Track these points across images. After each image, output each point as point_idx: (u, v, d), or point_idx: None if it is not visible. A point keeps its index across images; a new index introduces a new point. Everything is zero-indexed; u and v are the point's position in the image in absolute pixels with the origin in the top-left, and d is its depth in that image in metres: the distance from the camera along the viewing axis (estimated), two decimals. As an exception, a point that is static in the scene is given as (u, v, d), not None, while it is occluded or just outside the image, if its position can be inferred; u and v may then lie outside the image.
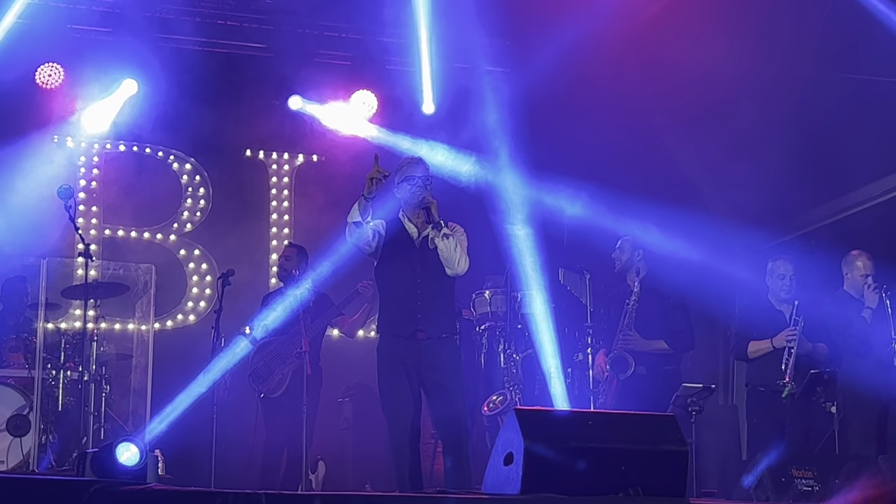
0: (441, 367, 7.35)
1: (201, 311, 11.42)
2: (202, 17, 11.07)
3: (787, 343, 9.01)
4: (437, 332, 7.43)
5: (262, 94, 11.54)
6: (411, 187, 7.53)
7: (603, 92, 10.73)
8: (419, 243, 7.52)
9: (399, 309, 7.47)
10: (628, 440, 5.82)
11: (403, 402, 7.36)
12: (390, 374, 7.43)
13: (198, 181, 11.74)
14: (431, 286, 7.45)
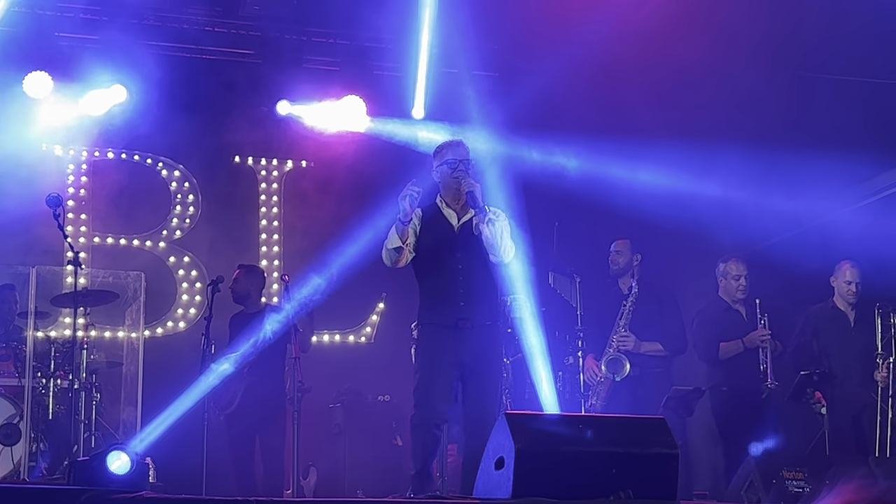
0: (482, 355, 7.08)
1: (191, 319, 11.41)
2: (189, 24, 11.06)
3: (761, 343, 9.10)
4: (481, 319, 7.12)
5: (250, 100, 11.51)
6: (452, 171, 7.22)
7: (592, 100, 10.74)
8: (458, 229, 7.23)
9: (440, 298, 7.16)
10: (619, 443, 5.83)
11: (439, 394, 7.07)
12: (430, 365, 7.14)
13: (187, 188, 11.73)
14: (474, 273, 7.13)
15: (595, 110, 10.69)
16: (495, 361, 7.23)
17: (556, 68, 10.39)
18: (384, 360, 11.21)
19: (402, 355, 9.84)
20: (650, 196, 10.36)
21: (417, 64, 11.28)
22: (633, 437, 5.87)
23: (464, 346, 7.05)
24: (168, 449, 8.88)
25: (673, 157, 10.39)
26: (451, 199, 7.26)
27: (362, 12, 10.69)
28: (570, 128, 10.57)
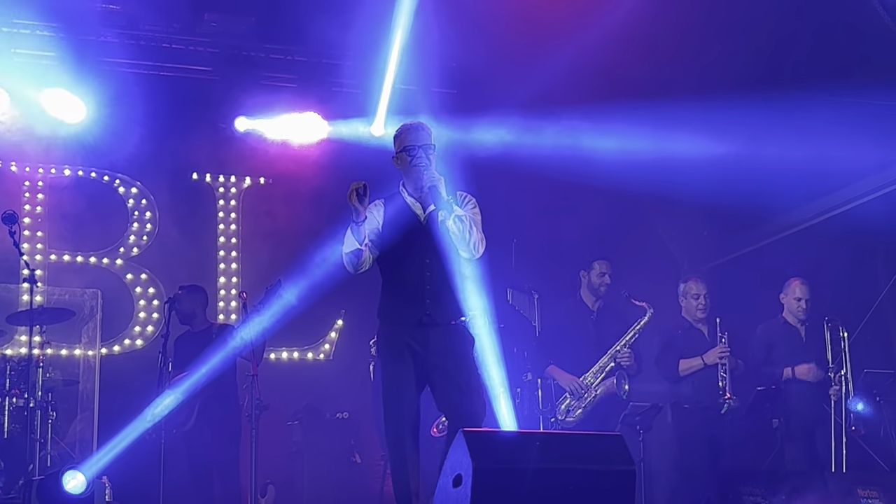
0: (451, 355, 6.57)
1: (148, 336, 11.34)
2: (147, 41, 11.03)
3: (720, 360, 9.19)
4: (448, 317, 6.62)
5: (208, 117, 11.48)
6: (412, 159, 6.67)
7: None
8: (425, 220, 6.66)
9: (404, 294, 6.66)
10: (576, 460, 5.83)
11: (406, 394, 6.57)
12: (393, 363, 6.63)
13: (144, 205, 11.68)
14: (441, 269, 6.59)
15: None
16: (464, 360, 6.62)
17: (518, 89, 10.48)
18: (343, 378, 11.20)
19: (361, 372, 9.86)
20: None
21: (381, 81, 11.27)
22: (591, 454, 5.88)
23: (429, 345, 6.58)
24: (125, 467, 8.83)
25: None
26: (414, 187, 6.72)
27: (321, 29, 10.67)
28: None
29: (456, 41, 10.61)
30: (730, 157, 10.37)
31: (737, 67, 9.96)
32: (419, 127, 6.78)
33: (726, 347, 9.27)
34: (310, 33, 10.86)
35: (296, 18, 10.55)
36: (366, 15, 10.41)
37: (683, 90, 9.98)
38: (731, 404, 9.13)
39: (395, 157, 6.81)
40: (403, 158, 6.72)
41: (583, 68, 10.10)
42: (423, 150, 6.67)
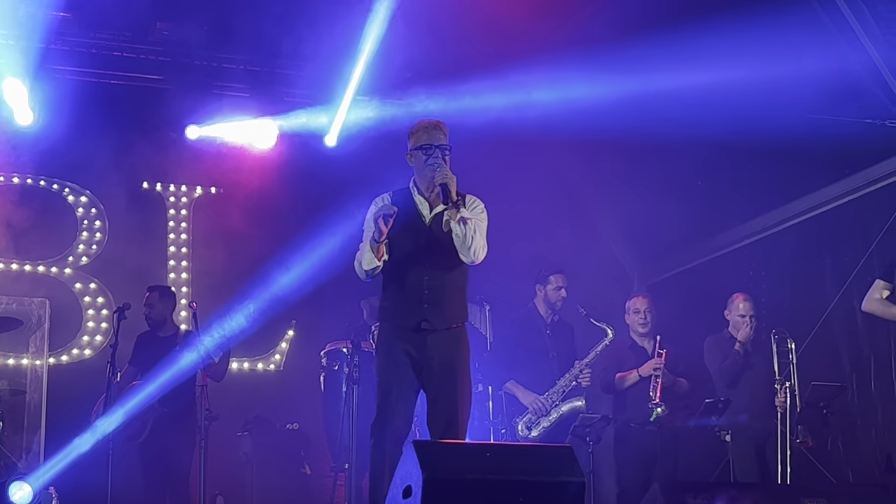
0: (446, 364, 6.49)
1: (97, 346, 11.26)
2: (98, 49, 10.96)
3: (654, 372, 9.29)
4: (446, 323, 6.52)
5: (159, 125, 11.44)
6: (427, 158, 6.51)
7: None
8: (430, 222, 6.56)
9: (404, 297, 6.53)
10: (526, 471, 5.84)
11: (399, 401, 6.48)
12: (389, 368, 6.52)
13: (93, 214, 11.61)
14: (442, 273, 6.51)
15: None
16: (461, 367, 6.54)
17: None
18: (293, 388, 11.17)
19: (312, 383, 9.82)
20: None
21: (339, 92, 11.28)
22: (540, 465, 5.89)
23: (426, 350, 6.49)
24: (72, 478, 8.77)
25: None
26: (425, 186, 6.57)
27: (272, 39, 10.67)
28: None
29: (415, 50, 10.66)
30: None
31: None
32: (437, 125, 6.65)
33: (661, 360, 9.36)
34: (261, 42, 10.86)
35: (248, 27, 10.53)
36: (320, 26, 10.42)
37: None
38: (661, 412, 9.21)
39: (408, 154, 6.66)
40: (417, 156, 6.58)
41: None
42: (440, 149, 6.55)
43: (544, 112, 10.44)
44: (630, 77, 9.81)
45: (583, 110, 10.22)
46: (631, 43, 9.41)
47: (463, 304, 6.66)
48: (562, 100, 10.07)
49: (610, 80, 9.87)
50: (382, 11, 10.14)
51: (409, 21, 10.21)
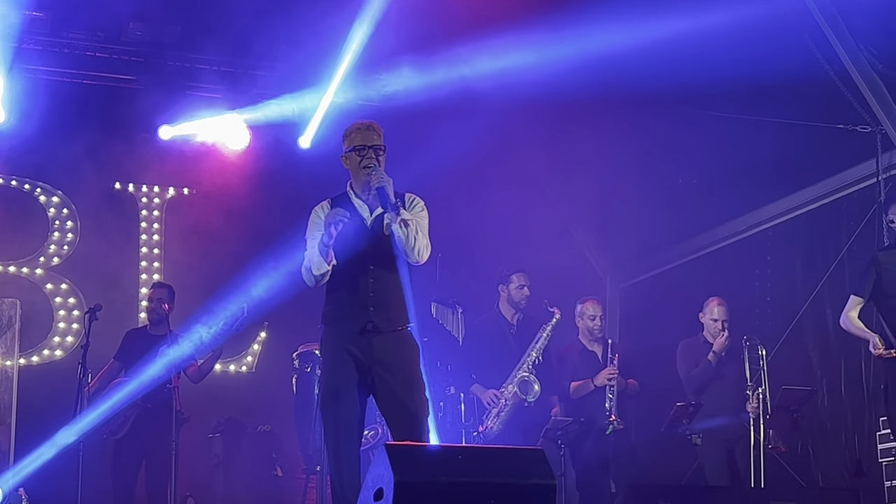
0: (394, 364, 6.38)
1: (68, 347, 11.21)
2: (70, 49, 10.93)
3: (608, 382, 9.30)
4: (392, 325, 6.42)
5: (131, 126, 11.41)
6: (362, 159, 6.43)
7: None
8: (371, 224, 6.48)
9: (348, 300, 6.42)
10: (498, 474, 5.84)
11: (346, 403, 6.36)
12: (334, 372, 6.41)
13: (65, 214, 11.56)
14: (386, 274, 6.42)
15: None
16: (407, 370, 6.42)
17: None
18: (265, 390, 11.15)
19: (284, 385, 9.81)
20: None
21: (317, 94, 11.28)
22: (512, 468, 5.89)
23: (372, 353, 6.38)
24: (42, 479, 8.74)
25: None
26: (362, 189, 6.49)
27: (245, 40, 10.66)
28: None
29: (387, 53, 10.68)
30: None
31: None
32: (369, 126, 6.56)
33: (615, 369, 9.39)
34: (235, 44, 10.84)
35: (222, 28, 10.51)
36: (293, 26, 10.41)
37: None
38: (616, 426, 9.25)
39: (343, 157, 6.59)
40: (352, 158, 6.51)
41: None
42: (373, 150, 6.45)
43: (516, 116, 10.51)
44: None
45: (554, 115, 10.31)
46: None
47: (407, 305, 6.54)
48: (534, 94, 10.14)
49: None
50: (361, 13, 10.16)
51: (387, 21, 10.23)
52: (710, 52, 9.58)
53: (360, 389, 6.43)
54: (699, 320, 9.71)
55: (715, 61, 9.61)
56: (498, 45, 10.14)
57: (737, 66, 9.57)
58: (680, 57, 9.72)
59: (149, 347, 9.30)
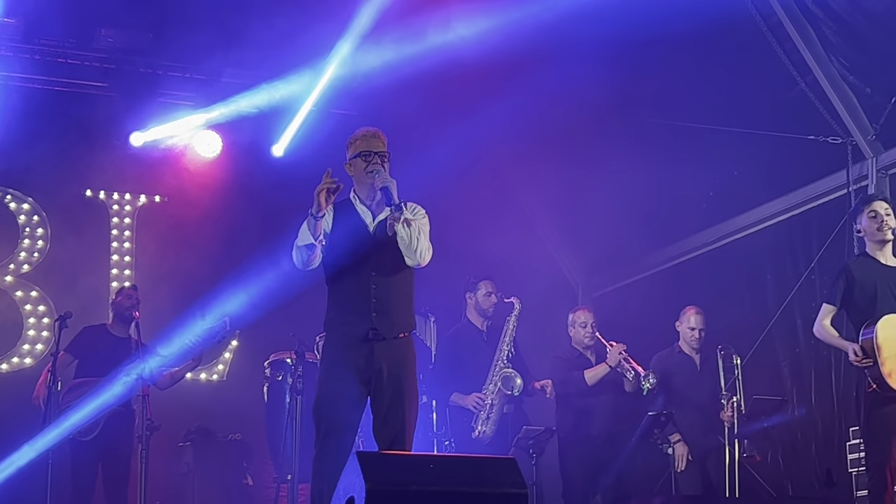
0: (394, 373, 6.43)
1: (38, 354, 11.15)
2: (42, 55, 10.90)
3: (621, 357, 9.33)
4: (394, 331, 6.47)
5: (103, 133, 11.35)
6: (367, 164, 6.49)
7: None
8: (374, 230, 6.52)
9: (350, 306, 6.45)
10: (469, 483, 5.84)
11: (342, 413, 6.40)
12: (333, 379, 6.43)
13: (36, 221, 11.49)
14: (388, 279, 6.46)
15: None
16: (409, 376, 6.50)
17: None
18: (236, 399, 11.09)
19: (255, 394, 9.78)
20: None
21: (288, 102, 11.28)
22: (484, 477, 5.89)
23: (373, 360, 6.42)
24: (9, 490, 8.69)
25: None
26: (366, 194, 6.55)
27: (217, 48, 10.63)
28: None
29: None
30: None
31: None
32: (375, 134, 6.63)
33: (621, 345, 9.40)
34: (207, 51, 10.82)
35: (194, 35, 10.48)
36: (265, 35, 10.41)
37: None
38: (651, 383, 9.20)
39: (347, 164, 6.64)
40: (357, 164, 6.56)
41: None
42: (379, 156, 6.53)
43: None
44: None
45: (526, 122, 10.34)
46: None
47: (410, 312, 6.63)
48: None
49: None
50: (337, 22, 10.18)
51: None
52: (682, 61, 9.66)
53: (358, 396, 6.46)
54: (675, 329, 9.74)
55: (686, 71, 9.68)
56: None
57: (709, 77, 9.63)
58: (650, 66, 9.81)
59: (111, 348, 9.26)
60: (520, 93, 10.05)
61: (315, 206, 6.33)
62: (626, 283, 12.20)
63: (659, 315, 10.16)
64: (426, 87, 10.38)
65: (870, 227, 7.59)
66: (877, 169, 9.35)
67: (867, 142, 9.31)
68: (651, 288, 11.68)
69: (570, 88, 9.79)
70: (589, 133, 10.63)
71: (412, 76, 10.10)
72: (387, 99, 10.97)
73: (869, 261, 7.62)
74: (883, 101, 9.06)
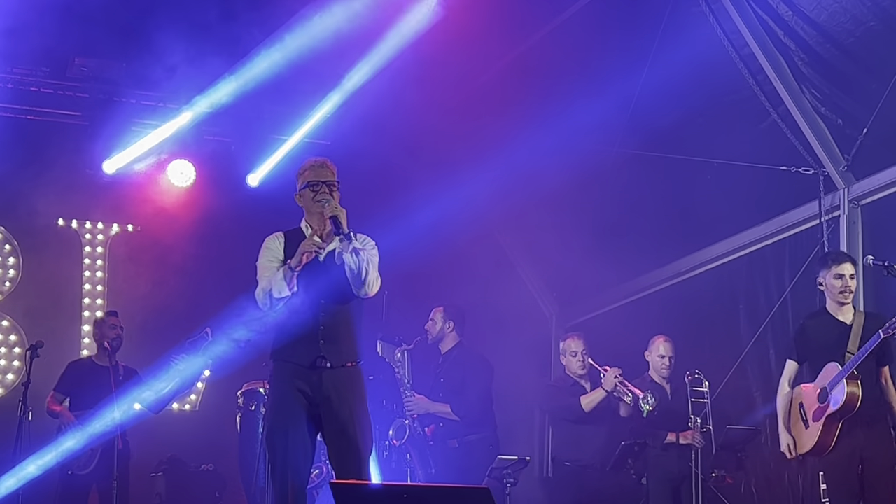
0: (343, 401, 6.37)
1: (9, 384, 11.08)
2: (14, 84, 10.89)
3: (617, 380, 9.30)
4: (341, 360, 6.43)
5: (76, 162, 11.33)
6: (315, 194, 6.51)
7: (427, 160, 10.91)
8: (323, 258, 6.48)
9: (298, 334, 6.42)
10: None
11: (293, 442, 6.34)
12: (282, 409, 6.40)
13: (7, 250, 11.43)
14: (336, 308, 6.45)
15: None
16: (356, 407, 6.42)
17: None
18: (209, 429, 11.06)
19: (228, 423, 9.74)
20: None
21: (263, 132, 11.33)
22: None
23: (322, 389, 6.38)
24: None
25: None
26: (316, 224, 6.53)
27: (191, 78, 10.63)
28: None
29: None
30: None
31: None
32: (323, 163, 6.65)
33: (616, 369, 9.38)
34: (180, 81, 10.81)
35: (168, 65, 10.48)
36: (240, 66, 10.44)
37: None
38: (651, 405, 9.17)
39: (297, 195, 6.66)
40: (306, 195, 6.58)
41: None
42: (327, 185, 6.54)
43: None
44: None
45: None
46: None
47: (357, 342, 6.58)
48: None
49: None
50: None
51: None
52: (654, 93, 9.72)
53: (308, 426, 6.42)
54: (644, 359, 9.74)
55: (658, 102, 9.73)
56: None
57: (681, 107, 9.68)
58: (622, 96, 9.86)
59: (99, 379, 9.21)
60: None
61: (296, 260, 6.36)
62: (599, 312, 12.21)
63: (632, 345, 10.16)
64: (403, 117, 10.45)
65: (833, 287, 7.79)
66: (849, 199, 9.40)
67: (839, 172, 9.36)
68: (624, 318, 11.69)
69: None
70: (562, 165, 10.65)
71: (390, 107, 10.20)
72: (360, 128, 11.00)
73: (827, 317, 7.84)
74: (854, 133, 9.12)
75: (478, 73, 10.76)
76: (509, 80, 10.68)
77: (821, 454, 7.72)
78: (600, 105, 9.94)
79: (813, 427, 7.71)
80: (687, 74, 9.42)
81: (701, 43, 9.32)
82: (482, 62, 10.56)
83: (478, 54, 10.27)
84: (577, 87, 10.09)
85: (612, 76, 9.87)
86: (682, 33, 9.47)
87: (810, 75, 9.12)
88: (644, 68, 9.82)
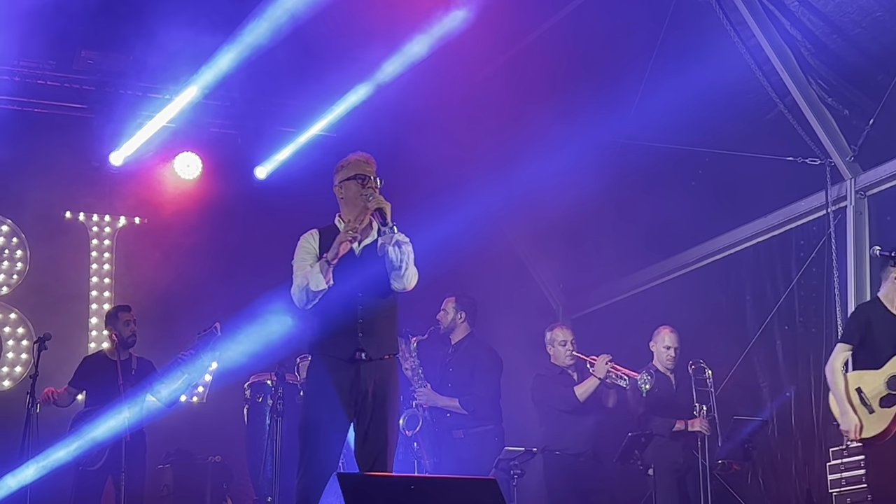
0: (380, 393, 6.44)
1: (17, 377, 11.09)
2: (21, 77, 10.90)
3: (609, 366, 9.29)
4: (380, 352, 6.50)
5: (83, 155, 11.35)
6: (362, 188, 6.52)
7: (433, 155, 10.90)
8: (360, 253, 6.56)
9: (338, 328, 6.46)
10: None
11: (327, 437, 6.42)
12: (319, 402, 6.46)
13: (15, 243, 11.45)
14: (375, 302, 6.51)
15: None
16: (393, 398, 6.52)
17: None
18: (216, 421, 11.07)
19: (235, 415, 9.76)
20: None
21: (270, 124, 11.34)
22: (465, 498, 5.88)
23: (359, 381, 6.44)
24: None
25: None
26: (353, 217, 6.54)
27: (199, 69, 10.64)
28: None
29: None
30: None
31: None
32: (367, 159, 6.67)
33: (606, 356, 9.36)
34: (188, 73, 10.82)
35: (174, 57, 10.49)
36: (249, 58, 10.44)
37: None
38: (648, 383, 9.16)
39: (336, 187, 6.67)
40: (351, 186, 6.59)
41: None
42: (375, 179, 6.58)
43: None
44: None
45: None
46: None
47: (394, 334, 6.69)
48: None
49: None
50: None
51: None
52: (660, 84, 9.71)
53: (344, 419, 6.47)
54: (650, 349, 9.74)
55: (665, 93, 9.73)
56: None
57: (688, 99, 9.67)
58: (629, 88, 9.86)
59: (114, 374, 9.20)
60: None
61: (332, 252, 6.42)
62: (606, 304, 12.21)
63: (638, 336, 10.15)
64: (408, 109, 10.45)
65: (891, 290, 7.87)
66: (855, 190, 9.40)
67: (846, 163, 9.36)
68: (630, 309, 11.69)
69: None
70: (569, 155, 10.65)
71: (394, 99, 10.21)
72: (367, 120, 11.01)
73: (883, 308, 7.90)
74: (861, 123, 9.12)
75: (481, 67, 10.76)
76: (512, 75, 10.69)
77: (882, 440, 7.69)
78: (607, 97, 9.95)
79: (882, 413, 7.67)
80: (693, 65, 9.42)
81: (707, 35, 9.31)
82: (488, 57, 10.56)
83: (484, 50, 10.27)
84: (582, 81, 10.11)
85: (619, 69, 9.87)
86: (688, 25, 9.47)
87: (817, 66, 9.12)
88: (650, 60, 9.83)
